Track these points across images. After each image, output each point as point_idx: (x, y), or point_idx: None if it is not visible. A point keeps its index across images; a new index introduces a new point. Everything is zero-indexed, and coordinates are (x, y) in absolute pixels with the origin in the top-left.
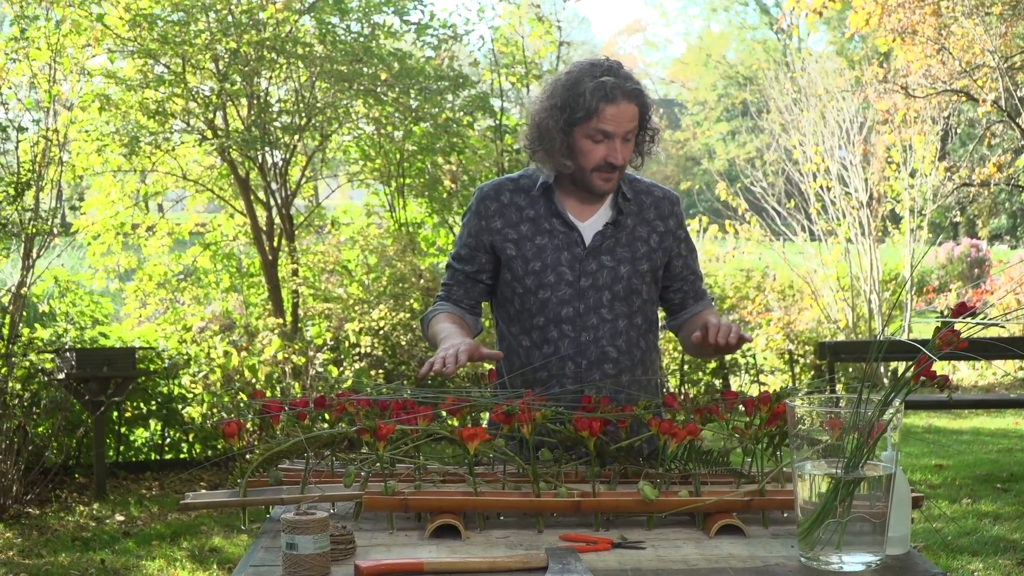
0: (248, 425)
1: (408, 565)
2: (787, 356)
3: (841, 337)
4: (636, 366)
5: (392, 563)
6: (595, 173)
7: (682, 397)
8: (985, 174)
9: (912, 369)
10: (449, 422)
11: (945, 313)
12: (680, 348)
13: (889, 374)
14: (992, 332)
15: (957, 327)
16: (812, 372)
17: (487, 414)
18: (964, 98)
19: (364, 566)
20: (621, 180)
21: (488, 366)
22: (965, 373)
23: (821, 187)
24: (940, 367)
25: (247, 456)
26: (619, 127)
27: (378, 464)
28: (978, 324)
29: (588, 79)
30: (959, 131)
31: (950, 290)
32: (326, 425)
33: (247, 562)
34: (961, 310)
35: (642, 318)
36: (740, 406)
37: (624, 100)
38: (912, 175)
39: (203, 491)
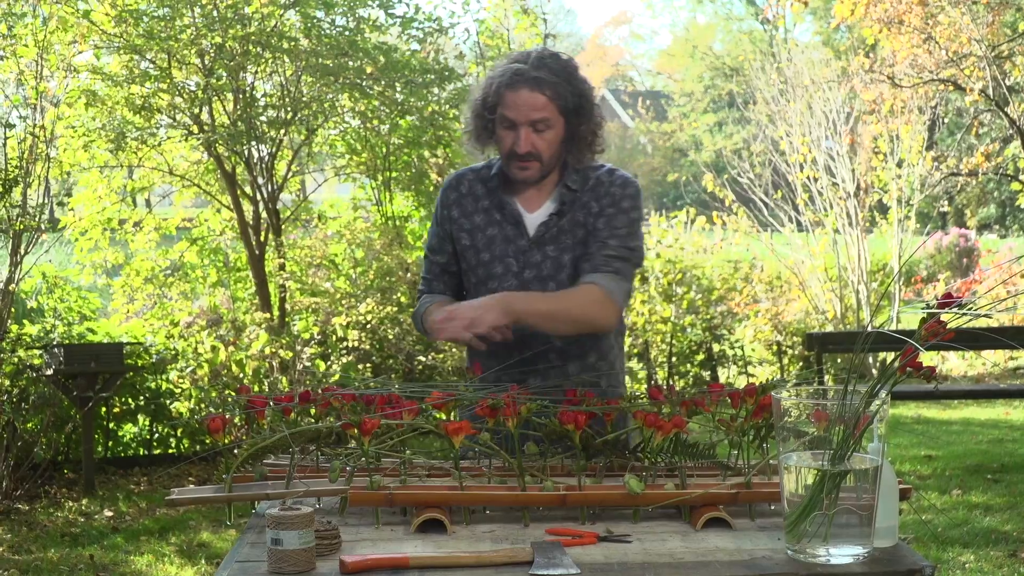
0: (236, 420)
1: (393, 560)
2: (775, 347)
3: (829, 328)
4: (587, 353)
5: (377, 558)
6: (510, 161)
7: (667, 389)
8: (973, 163)
9: (898, 360)
10: (436, 415)
11: (931, 304)
12: (667, 341)
13: (878, 365)
14: (981, 322)
15: (944, 318)
16: (801, 363)
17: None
18: (951, 87)
19: (349, 561)
20: (574, 171)
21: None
22: (955, 363)
23: (808, 178)
24: (928, 357)
25: (235, 451)
26: (520, 114)
27: (363, 459)
28: (964, 315)
29: (502, 67)
30: (947, 121)
31: (938, 280)
32: (312, 420)
33: (233, 558)
34: (947, 300)
35: None
36: (726, 398)
37: (525, 88)
38: (899, 165)
39: (188, 487)
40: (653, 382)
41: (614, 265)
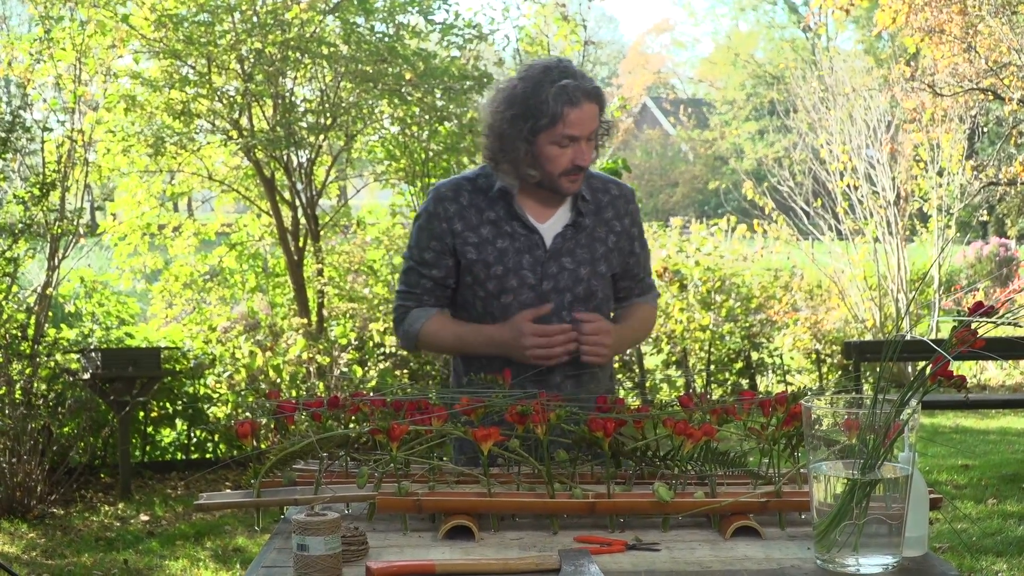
0: (272, 425)
1: (419, 566)
2: (814, 356)
3: (868, 337)
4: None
5: (403, 564)
6: (563, 177)
7: (697, 396)
8: (1012, 173)
9: (928, 369)
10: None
11: (962, 312)
12: (706, 349)
13: (916, 374)
14: (1020, 331)
15: (975, 326)
16: (839, 372)
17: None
18: (991, 97)
19: (375, 567)
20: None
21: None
22: (992, 372)
23: (848, 186)
24: (968, 366)
25: (271, 456)
26: (584, 129)
27: (392, 464)
28: (994, 323)
29: (547, 84)
30: (987, 130)
31: (978, 289)
32: (342, 426)
33: (259, 563)
34: (978, 308)
35: None
36: (757, 406)
37: (586, 101)
38: (940, 174)
39: (217, 492)
40: (691, 390)
41: (653, 285)
